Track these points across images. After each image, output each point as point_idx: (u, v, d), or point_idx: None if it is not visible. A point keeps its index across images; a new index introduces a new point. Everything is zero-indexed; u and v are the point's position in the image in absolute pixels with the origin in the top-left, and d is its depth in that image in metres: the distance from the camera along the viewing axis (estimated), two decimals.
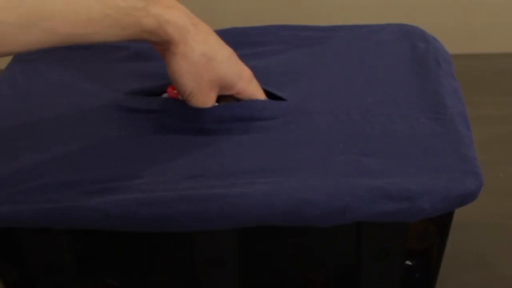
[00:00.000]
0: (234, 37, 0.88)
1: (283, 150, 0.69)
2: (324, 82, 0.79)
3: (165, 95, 0.77)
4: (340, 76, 0.80)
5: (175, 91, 0.74)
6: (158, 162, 0.69)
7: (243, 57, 0.77)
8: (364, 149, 0.68)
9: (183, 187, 0.65)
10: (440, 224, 0.69)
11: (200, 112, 0.73)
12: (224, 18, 1.38)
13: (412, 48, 0.84)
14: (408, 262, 0.71)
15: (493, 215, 0.94)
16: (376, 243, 0.68)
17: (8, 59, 0.85)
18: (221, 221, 0.63)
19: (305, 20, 0.93)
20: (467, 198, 0.64)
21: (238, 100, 0.75)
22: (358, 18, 0.95)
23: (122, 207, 0.63)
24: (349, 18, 0.97)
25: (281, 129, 0.72)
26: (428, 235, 0.70)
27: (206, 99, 0.73)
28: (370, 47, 0.85)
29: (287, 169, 0.66)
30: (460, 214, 0.68)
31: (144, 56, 0.85)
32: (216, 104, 0.74)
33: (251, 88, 0.75)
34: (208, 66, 0.72)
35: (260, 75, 0.79)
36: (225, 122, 0.73)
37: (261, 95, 0.76)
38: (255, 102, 0.75)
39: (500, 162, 1.02)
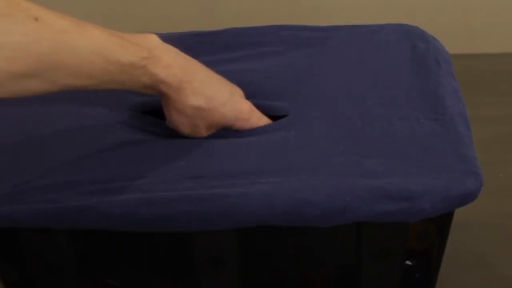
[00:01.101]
0: (234, 37, 0.89)
1: (283, 151, 0.69)
2: (324, 85, 0.79)
3: None
4: (340, 78, 0.80)
5: None
6: (158, 163, 0.69)
7: (243, 58, 0.77)
8: (364, 150, 0.68)
9: (183, 187, 0.65)
10: (440, 224, 0.69)
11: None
12: (224, 18, 1.38)
13: (412, 48, 0.84)
14: (408, 262, 0.71)
15: (493, 215, 0.94)
16: (376, 243, 0.68)
17: None
18: (221, 221, 0.63)
19: (305, 20, 0.93)
20: (467, 198, 0.64)
21: None
22: (358, 18, 0.95)
23: (122, 207, 0.63)
24: (349, 18, 0.97)
25: (281, 132, 0.72)
26: (428, 235, 0.70)
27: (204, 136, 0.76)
28: (370, 47, 0.85)
29: (287, 169, 0.66)
30: (460, 214, 0.68)
31: None
32: None
33: (250, 123, 0.76)
34: (203, 117, 0.74)
35: (260, 77, 0.79)
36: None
37: (263, 123, 0.77)
38: (256, 129, 0.75)
39: (500, 162, 1.02)
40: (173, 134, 0.75)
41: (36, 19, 0.61)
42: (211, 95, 0.74)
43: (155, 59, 0.70)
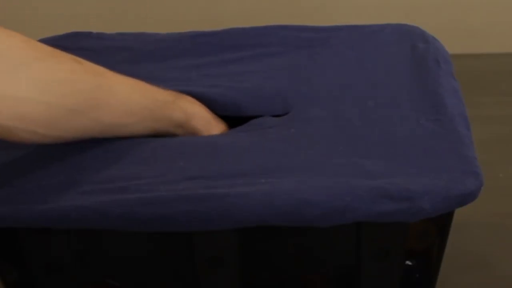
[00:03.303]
0: (234, 37, 0.89)
1: (283, 152, 0.69)
2: (324, 85, 0.79)
3: None
4: (340, 78, 0.80)
5: None
6: (158, 163, 0.69)
7: (243, 60, 0.77)
8: (364, 151, 0.68)
9: (183, 187, 0.65)
10: (440, 224, 0.69)
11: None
12: (224, 18, 1.38)
13: (412, 48, 0.84)
14: (408, 262, 0.71)
15: (493, 215, 0.94)
16: (376, 243, 0.68)
17: None
18: (221, 221, 0.63)
19: (305, 20, 0.93)
20: (467, 198, 0.64)
21: None
22: (358, 18, 0.95)
23: (122, 207, 0.63)
24: (349, 18, 0.97)
25: (281, 133, 0.72)
26: (428, 235, 0.70)
27: None
28: (370, 47, 0.85)
29: (287, 170, 0.66)
30: (460, 214, 0.68)
31: (148, 57, 0.85)
32: None
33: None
34: None
35: (260, 78, 0.79)
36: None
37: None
38: (255, 119, 0.75)
39: (500, 162, 1.02)
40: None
41: (80, 62, 0.66)
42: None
43: (181, 96, 0.75)
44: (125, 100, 0.69)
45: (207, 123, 0.76)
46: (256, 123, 0.75)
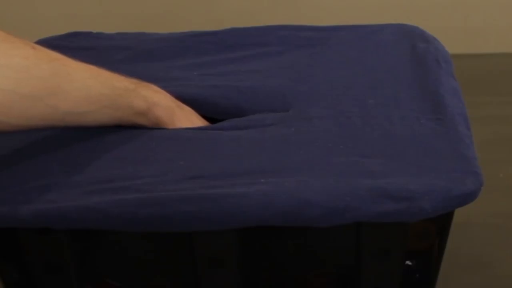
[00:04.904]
0: (234, 37, 0.89)
1: (283, 151, 0.69)
2: (324, 84, 0.79)
3: None
4: (340, 78, 0.80)
5: None
6: (158, 163, 0.69)
7: (243, 59, 0.77)
8: (364, 150, 0.68)
9: (183, 187, 0.65)
10: (440, 224, 0.69)
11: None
12: (224, 18, 1.38)
13: (412, 48, 0.84)
14: (408, 262, 0.71)
15: (493, 215, 0.94)
16: (376, 243, 0.67)
17: None
18: (221, 221, 0.63)
19: (305, 20, 0.93)
20: (467, 198, 0.64)
21: None
22: (358, 18, 0.95)
23: (122, 207, 0.63)
24: (349, 18, 0.97)
25: (281, 131, 0.72)
26: (428, 235, 0.70)
27: None
28: (370, 48, 0.85)
29: (287, 170, 0.66)
30: (460, 214, 0.68)
31: (148, 56, 0.85)
32: None
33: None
34: None
35: (260, 77, 0.79)
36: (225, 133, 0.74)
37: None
38: (255, 115, 0.75)
39: (500, 162, 1.02)
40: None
41: (33, 48, 0.64)
42: (198, 123, 0.78)
43: (144, 85, 0.74)
44: (83, 87, 0.68)
45: (171, 113, 0.75)
46: (256, 118, 0.75)
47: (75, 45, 0.87)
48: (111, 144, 0.71)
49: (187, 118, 0.77)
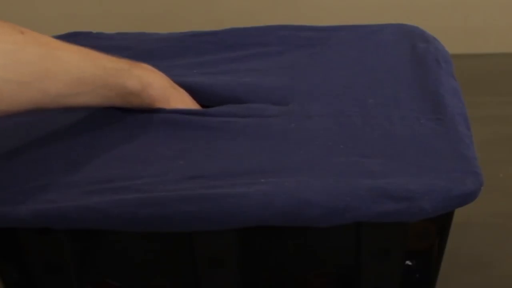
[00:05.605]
0: (234, 37, 0.89)
1: (284, 151, 0.69)
2: (325, 84, 0.79)
3: None
4: (340, 78, 0.80)
5: None
6: (157, 162, 0.69)
7: (243, 58, 0.77)
8: (364, 150, 0.68)
9: (183, 187, 0.65)
10: (440, 224, 0.69)
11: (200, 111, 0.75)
12: (224, 18, 1.38)
13: (412, 48, 0.84)
14: (408, 262, 0.71)
15: (493, 215, 0.94)
16: (376, 243, 0.67)
17: None
18: (221, 221, 0.63)
19: (305, 20, 0.93)
20: (467, 198, 0.64)
21: None
22: (358, 18, 0.95)
23: (122, 207, 0.63)
24: (349, 18, 0.97)
25: (281, 127, 0.72)
26: (428, 235, 0.70)
27: None
28: (370, 47, 0.85)
29: (287, 170, 0.66)
30: (460, 214, 0.68)
31: (149, 56, 0.85)
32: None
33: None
34: None
35: (260, 76, 0.79)
36: (224, 120, 0.73)
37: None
38: (255, 104, 0.75)
39: (500, 162, 1.02)
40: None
41: (22, 32, 0.63)
42: (191, 104, 0.77)
43: (137, 65, 0.73)
44: (74, 69, 0.67)
45: (165, 93, 0.75)
46: (256, 107, 0.75)
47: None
48: (111, 144, 0.71)
49: (182, 99, 0.76)
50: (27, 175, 0.67)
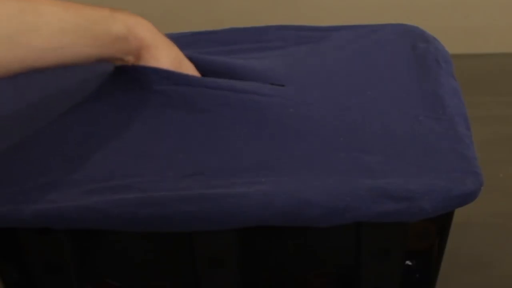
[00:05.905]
0: (234, 36, 0.89)
1: (283, 144, 0.69)
2: (324, 74, 0.79)
3: None
4: (339, 71, 0.80)
5: None
6: (157, 157, 0.69)
7: (243, 51, 0.77)
8: (364, 145, 0.68)
9: (183, 187, 0.65)
10: (440, 224, 0.69)
11: (198, 90, 0.75)
12: (224, 18, 1.38)
13: (412, 48, 0.84)
14: (408, 262, 0.71)
15: (493, 215, 0.94)
16: (376, 243, 0.67)
17: None
18: (221, 221, 0.63)
19: (305, 20, 0.93)
20: (467, 198, 0.64)
21: None
22: (358, 18, 0.95)
23: (122, 207, 0.63)
24: (349, 18, 0.97)
25: (279, 112, 0.72)
26: (428, 235, 0.70)
27: None
28: (370, 47, 0.85)
29: (287, 167, 0.66)
30: (460, 214, 0.68)
31: None
32: None
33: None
34: (182, 68, 0.76)
35: (260, 69, 0.78)
36: (221, 104, 0.73)
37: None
38: (253, 82, 0.75)
39: (500, 162, 1.02)
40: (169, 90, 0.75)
41: None
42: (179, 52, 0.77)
43: (119, 10, 0.72)
44: (55, 20, 0.66)
45: (152, 31, 0.74)
46: (252, 84, 0.75)
47: None
48: (109, 140, 0.71)
49: (171, 48, 0.75)
50: (27, 175, 0.67)
